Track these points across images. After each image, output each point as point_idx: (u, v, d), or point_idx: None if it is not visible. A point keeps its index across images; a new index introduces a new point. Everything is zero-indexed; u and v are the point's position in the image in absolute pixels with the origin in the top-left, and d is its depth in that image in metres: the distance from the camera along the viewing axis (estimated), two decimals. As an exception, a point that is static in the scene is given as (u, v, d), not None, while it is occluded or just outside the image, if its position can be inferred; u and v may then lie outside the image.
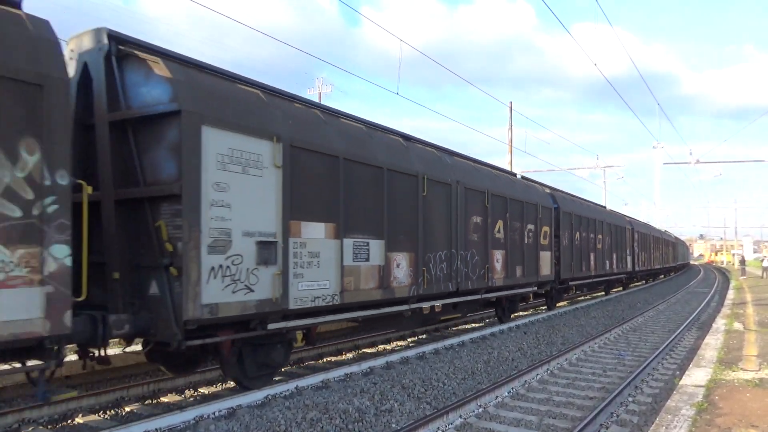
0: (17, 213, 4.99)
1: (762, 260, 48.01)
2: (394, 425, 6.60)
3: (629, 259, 30.13)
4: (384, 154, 9.85)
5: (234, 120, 6.99)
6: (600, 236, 23.89)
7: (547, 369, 9.73)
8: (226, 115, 6.92)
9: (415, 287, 10.42)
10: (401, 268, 10.08)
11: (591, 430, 6.56)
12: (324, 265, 8.30)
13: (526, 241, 15.48)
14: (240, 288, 6.93)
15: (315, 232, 8.15)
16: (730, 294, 26.02)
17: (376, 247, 9.43)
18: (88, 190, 5.95)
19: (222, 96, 7.11)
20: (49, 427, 6.63)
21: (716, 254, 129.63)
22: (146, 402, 7.71)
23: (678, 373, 9.46)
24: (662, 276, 48.24)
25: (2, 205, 4.89)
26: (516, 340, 12.66)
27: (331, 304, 8.43)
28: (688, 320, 16.75)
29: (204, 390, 8.45)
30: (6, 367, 5.56)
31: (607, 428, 6.73)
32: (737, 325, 13.65)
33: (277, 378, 9.11)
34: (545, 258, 16.98)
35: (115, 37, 6.81)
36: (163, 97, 6.62)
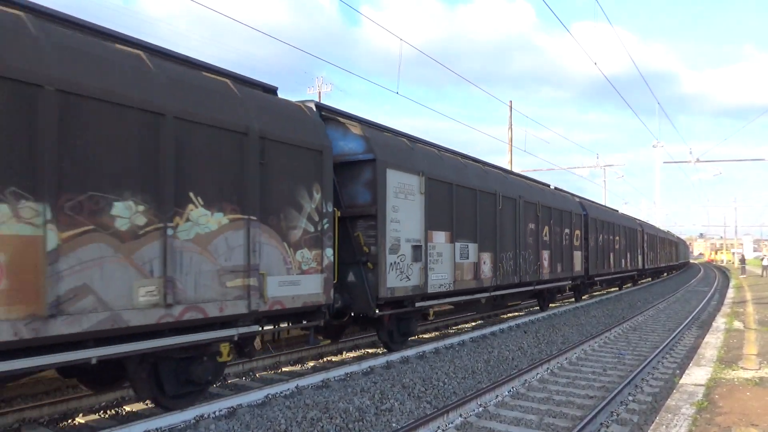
0: (312, 229, 8.17)
1: (762, 259, 48.04)
2: (394, 424, 6.61)
3: (640, 258, 33.27)
4: (475, 178, 13.06)
5: (400, 163, 10.29)
6: (617, 238, 26.98)
7: (548, 368, 9.73)
8: (397, 160, 10.22)
9: (494, 279, 13.63)
10: (486, 264, 13.30)
11: (591, 429, 6.57)
12: (445, 262, 11.54)
13: (564, 243, 18.79)
14: (404, 277, 10.19)
15: (440, 238, 11.44)
16: (730, 293, 26.03)
17: (472, 248, 12.64)
18: (338, 213, 8.98)
19: (392, 146, 10.44)
20: (49, 426, 6.63)
21: (716, 253, 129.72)
22: (146, 402, 7.70)
23: (678, 372, 9.47)
24: (665, 274, 49.78)
25: (307, 225, 8.07)
26: (516, 339, 12.67)
27: (448, 290, 11.64)
28: (688, 319, 16.76)
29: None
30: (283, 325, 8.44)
31: (607, 427, 6.73)
32: (737, 324, 13.65)
33: (278, 376, 9.13)
34: (577, 257, 20.36)
35: (318, 106, 9.62)
36: (359, 149, 9.82)
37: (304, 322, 8.49)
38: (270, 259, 7.37)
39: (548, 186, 20.39)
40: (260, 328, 7.47)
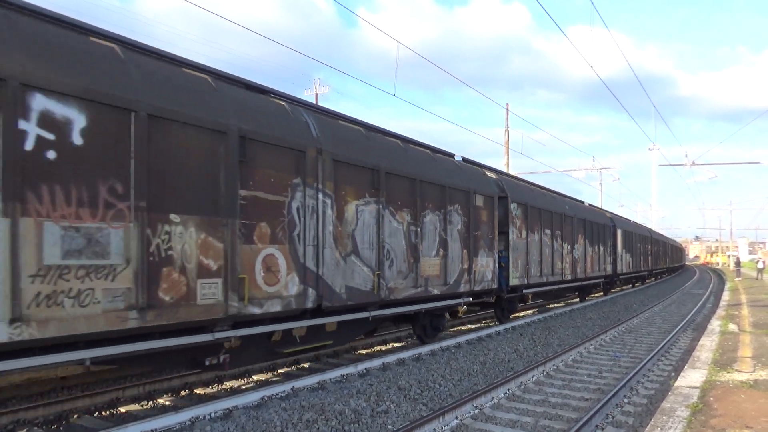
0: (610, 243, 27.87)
1: (757, 262, 48.20)
2: (390, 426, 6.61)
3: (668, 259, 54.59)
4: (640, 229, 37.41)
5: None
6: (659, 248, 47.41)
7: (543, 370, 9.74)
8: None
9: (631, 268, 31.83)
10: (630, 261, 31.44)
11: (586, 431, 6.58)
12: (625, 260, 30.22)
13: (644, 252, 36.66)
14: (621, 266, 29.58)
15: (625, 251, 30.25)
16: (726, 295, 26.11)
17: (629, 255, 30.70)
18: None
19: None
20: (44, 428, 6.60)
21: (711, 255, 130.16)
22: (142, 403, 7.69)
23: (673, 374, 9.50)
24: (672, 273, 61.95)
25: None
26: (512, 341, 12.68)
27: (627, 271, 30.91)
28: (684, 321, 16.80)
29: (200, 391, 8.43)
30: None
31: (602, 429, 6.75)
32: (732, 327, 13.70)
33: (274, 377, 9.13)
34: (648, 260, 38.10)
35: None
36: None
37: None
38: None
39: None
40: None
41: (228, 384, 8.82)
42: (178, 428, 6.24)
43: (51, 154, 5.15)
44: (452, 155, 13.07)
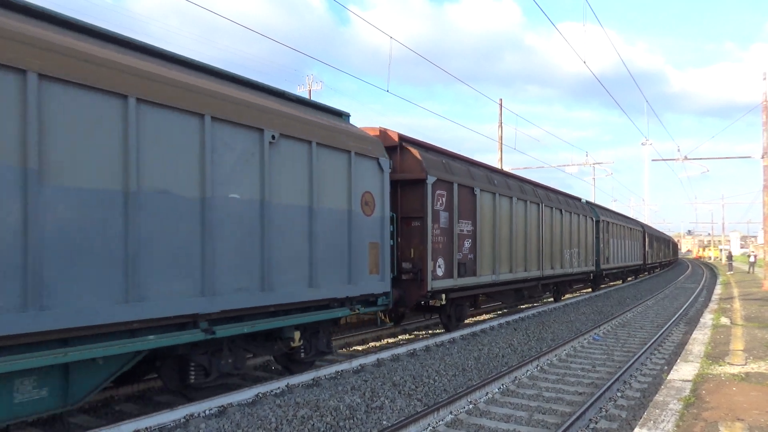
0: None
1: (749, 256, 48.58)
2: (384, 422, 6.63)
3: (661, 254, 57.76)
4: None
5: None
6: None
7: (537, 365, 9.79)
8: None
9: (648, 257, 43.93)
10: (646, 250, 42.92)
11: (580, 425, 6.62)
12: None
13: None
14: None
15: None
16: (718, 289, 26.28)
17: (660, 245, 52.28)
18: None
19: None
20: (38, 426, 6.58)
21: (703, 250, 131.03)
22: (136, 401, 7.67)
23: (666, 368, 9.56)
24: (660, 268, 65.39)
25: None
26: (506, 336, 12.73)
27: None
28: (676, 315, 16.92)
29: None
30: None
31: (596, 423, 6.79)
32: (724, 320, 13.79)
33: (268, 374, 9.12)
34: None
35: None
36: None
37: None
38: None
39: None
40: None
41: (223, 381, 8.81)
42: (173, 426, 6.23)
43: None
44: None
